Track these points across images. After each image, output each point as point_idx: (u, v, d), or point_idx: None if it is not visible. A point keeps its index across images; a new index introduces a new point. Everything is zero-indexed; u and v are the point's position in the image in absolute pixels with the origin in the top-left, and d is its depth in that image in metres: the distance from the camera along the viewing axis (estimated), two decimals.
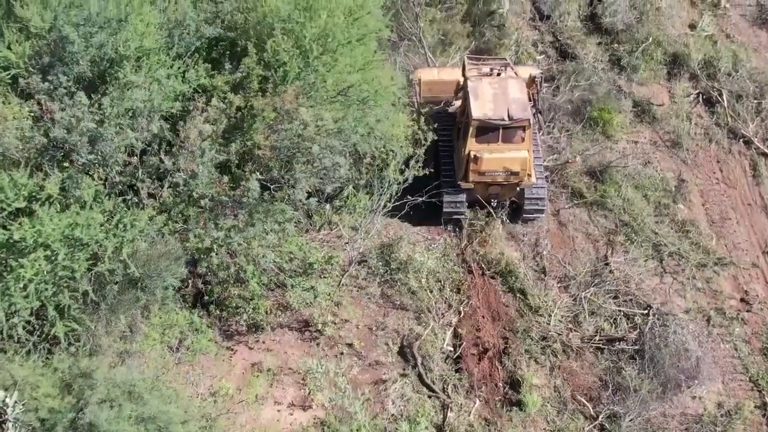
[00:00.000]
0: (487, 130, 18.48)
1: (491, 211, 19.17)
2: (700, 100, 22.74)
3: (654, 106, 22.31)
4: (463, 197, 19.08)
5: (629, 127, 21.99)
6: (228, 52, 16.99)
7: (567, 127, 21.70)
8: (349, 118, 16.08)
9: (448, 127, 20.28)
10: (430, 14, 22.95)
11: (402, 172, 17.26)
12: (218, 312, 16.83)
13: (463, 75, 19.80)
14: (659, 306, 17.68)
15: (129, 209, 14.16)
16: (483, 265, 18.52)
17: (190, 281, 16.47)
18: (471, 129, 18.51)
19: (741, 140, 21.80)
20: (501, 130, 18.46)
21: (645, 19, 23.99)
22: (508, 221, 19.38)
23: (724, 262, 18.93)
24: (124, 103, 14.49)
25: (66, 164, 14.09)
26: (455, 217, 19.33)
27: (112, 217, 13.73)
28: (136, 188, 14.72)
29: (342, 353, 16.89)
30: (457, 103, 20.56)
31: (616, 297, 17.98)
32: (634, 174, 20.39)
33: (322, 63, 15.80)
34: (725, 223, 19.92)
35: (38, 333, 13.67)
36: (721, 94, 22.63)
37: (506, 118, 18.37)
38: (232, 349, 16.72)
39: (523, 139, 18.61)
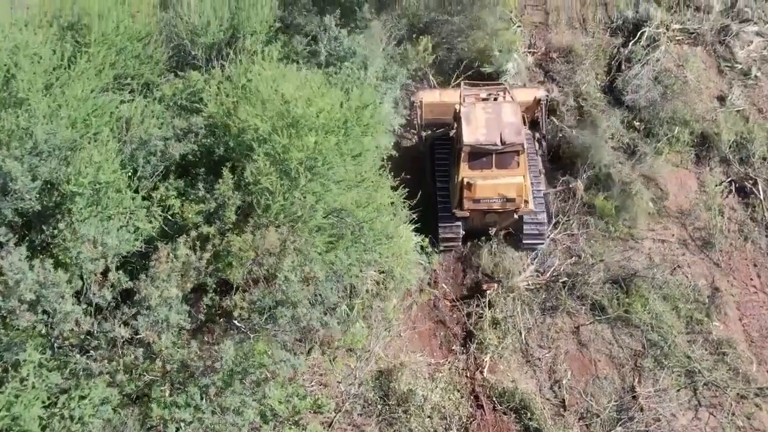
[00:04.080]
0: (480, 156, 17.91)
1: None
2: (733, 190, 20.47)
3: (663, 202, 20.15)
4: (459, 226, 18.43)
5: (652, 220, 19.78)
6: (203, 166, 14.92)
7: (584, 220, 19.52)
8: (342, 254, 13.89)
9: (448, 152, 19.45)
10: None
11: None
12: None
13: (459, 103, 18.97)
14: None
15: (78, 381, 11.95)
16: (494, 398, 16.34)
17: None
18: (463, 155, 17.90)
19: None
20: (494, 156, 17.90)
21: (670, 93, 21.72)
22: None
23: (766, 393, 16.72)
24: (77, 246, 12.36)
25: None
26: (451, 246, 18.66)
27: (58, 397, 11.54)
28: (87, 348, 12.53)
29: None
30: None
31: None
32: (661, 283, 18.13)
33: (311, 191, 13.60)
34: (766, 343, 17.68)
35: None
36: (755, 183, 20.37)
37: (499, 142, 17.77)
38: None
39: (518, 164, 17.98)
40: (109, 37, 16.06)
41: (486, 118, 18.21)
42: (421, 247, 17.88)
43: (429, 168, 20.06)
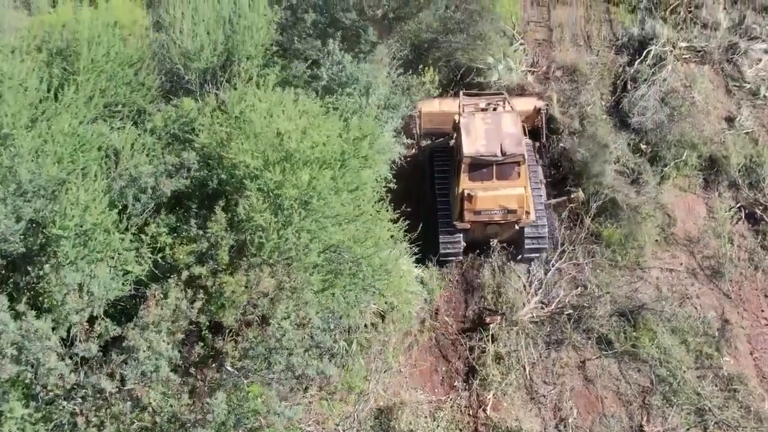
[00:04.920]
0: (481, 167, 17.68)
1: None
2: (743, 216, 19.89)
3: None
4: (459, 237, 18.20)
5: (660, 248, 19.22)
6: (196, 198, 14.36)
7: (590, 249, 18.94)
8: (340, 295, 13.33)
9: (448, 161, 19.15)
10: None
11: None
12: None
13: (458, 113, 18.68)
14: None
15: None
16: None
17: None
18: (463, 166, 17.67)
19: None
20: (495, 167, 17.69)
21: (677, 115, 21.13)
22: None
23: None
24: (62, 290, 11.81)
25: None
26: (452, 258, 18.51)
27: None
28: (73, 396, 11.95)
29: None
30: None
31: None
32: (670, 315, 17.54)
33: (305, 229, 13.03)
34: None
35: None
36: (765, 210, 19.79)
37: (499, 153, 17.57)
38: None
39: (519, 175, 17.75)
40: (99, 64, 15.50)
41: (486, 129, 17.98)
42: (422, 281, 17.33)
43: (428, 179, 19.72)
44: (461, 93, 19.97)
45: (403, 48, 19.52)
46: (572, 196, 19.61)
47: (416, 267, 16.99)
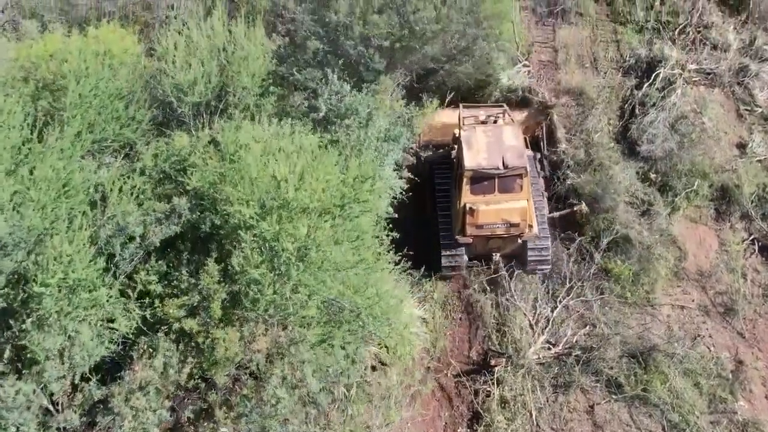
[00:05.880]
0: (482, 180, 17.34)
1: None
2: (756, 249, 19.23)
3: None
4: (461, 251, 17.97)
5: (671, 283, 18.55)
6: (189, 241, 13.71)
7: (599, 285, 18.26)
8: (338, 347, 12.66)
9: (448, 173, 18.88)
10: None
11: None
12: None
13: (458, 126, 18.33)
14: None
15: None
16: None
17: None
18: (465, 179, 17.33)
19: None
20: (497, 180, 17.36)
21: (688, 142, 20.44)
22: None
23: None
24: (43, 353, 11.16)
25: None
26: (454, 273, 18.29)
27: None
28: None
29: None
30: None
31: None
32: (682, 357, 16.86)
33: (303, 284, 12.36)
34: None
35: None
36: None
37: (501, 166, 17.21)
38: None
39: (521, 188, 17.38)
40: (87, 99, 14.80)
41: (487, 142, 17.65)
42: (423, 319, 16.67)
43: (429, 192, 19.22)
44: (461, 105, 19.48)
45: (407, 75, 18.87)
46: (575, 208, 19.18)
47: (418, 309, 16.29)
